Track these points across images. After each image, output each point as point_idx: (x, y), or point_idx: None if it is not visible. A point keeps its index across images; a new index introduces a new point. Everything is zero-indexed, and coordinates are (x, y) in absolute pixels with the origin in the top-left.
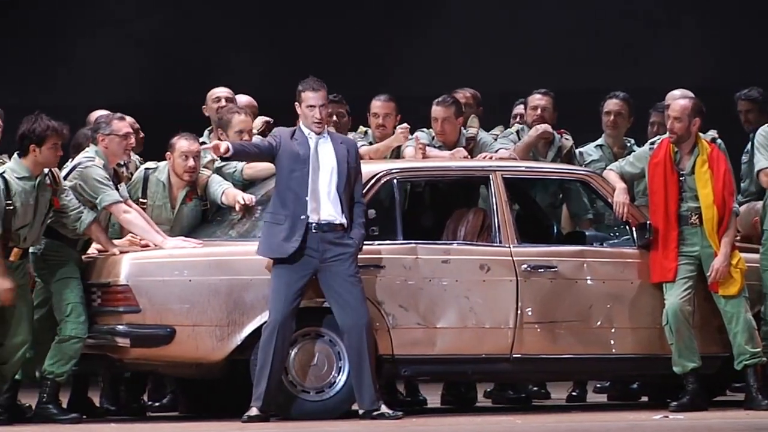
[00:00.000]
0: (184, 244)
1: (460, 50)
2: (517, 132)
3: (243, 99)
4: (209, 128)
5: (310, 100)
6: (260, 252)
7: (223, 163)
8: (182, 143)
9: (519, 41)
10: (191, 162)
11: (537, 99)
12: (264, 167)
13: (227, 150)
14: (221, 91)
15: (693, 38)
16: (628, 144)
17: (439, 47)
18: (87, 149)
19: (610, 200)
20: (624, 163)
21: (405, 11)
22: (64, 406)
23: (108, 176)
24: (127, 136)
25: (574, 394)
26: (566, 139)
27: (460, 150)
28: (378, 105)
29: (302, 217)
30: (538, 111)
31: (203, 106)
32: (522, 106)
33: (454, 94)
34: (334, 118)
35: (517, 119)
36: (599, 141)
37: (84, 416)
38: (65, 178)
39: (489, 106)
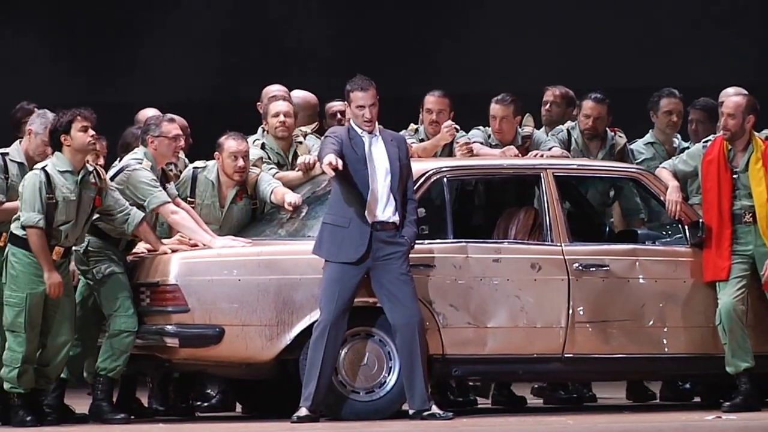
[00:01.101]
0: (233, 243)
1: (501, 48)
2: (568, 131)
3: (299, 94)
4: (263, 125)
5: (359, 100)
6: (322, 255)
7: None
8: (230, 143)
9: (560, 39)
10: (240, 162)
11: (590, 107)
12: (294, 177)
13: (339, 163)
14: (277, 89)
15: (740, 36)
16: (676, 141)
17: (479, 45)
18: (135, 150)
19: (662, 198)
20: (677, 161)
21: (443, 9)
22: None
23: (156, 177)
24: (176, 138)
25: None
26: (620, 136)
27: (511, 148)
28: (432, 100)
29: (365, 219)
30: (591, 120)
31: (258, 103)
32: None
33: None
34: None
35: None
36: (649, 138)
37: (132, 417)
38: (112, 179)
39: (530, 105)
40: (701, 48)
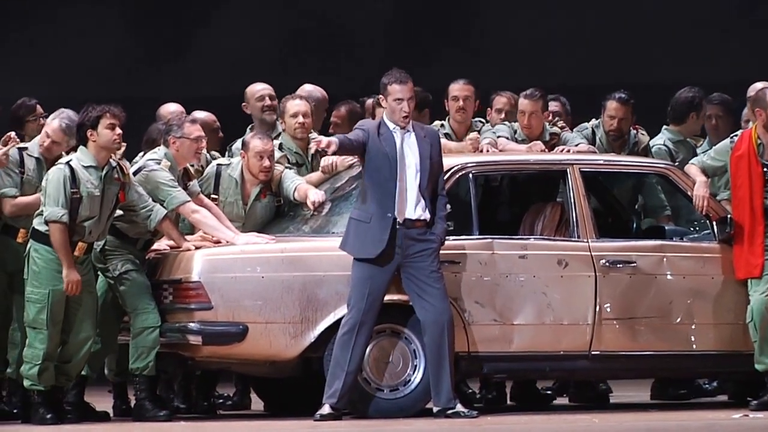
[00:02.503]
0: (257, 239)
1: (523, 43)
2: (593, 129)
3: (316, 90)
4: (250, 125)
5: (397, 93)
6: (347, 249)
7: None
8: (256, 143)
9: (585, 35)
10: (266, 162)
11: (615, 108)
12: (318, 180)
13: (334, 146)
14: (262, 88)
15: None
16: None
17: (503, 40)
18: (156, 150)
19: (689, 194)
20: (705, 157)
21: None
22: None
23: (174, 178)
24: (198, 139)
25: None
26: (642, 134)
27: (538, 143)
28: (457, 88)
29: (388, 215)
30: (615, 122)
31: (243, 104)
32: (557, 103)
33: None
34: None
35: (550, 116)
36: (675, 136)
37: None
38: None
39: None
40: (703, 45)
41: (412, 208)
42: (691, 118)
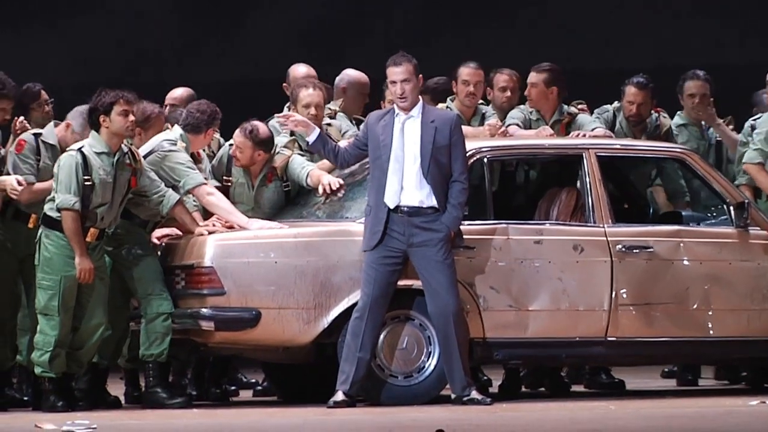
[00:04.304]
0: (270, 225)
1: (533, 28)
2: (614, 112)
3: (352, 73)
4: (288, 104)
5: (391, 75)
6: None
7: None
8: (236, 133)
9: (596, 19)
10: (236, 153)
11: (633, 93)
12: (330, 166)
13: (314, 135)
14: (305, 73)
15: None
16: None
17: (518, 25)
18: (170, 131)
19: (708, 179)
20: (762, 145)
21: None
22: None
23: (191, 159)
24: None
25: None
26: (664, 117)
27: (546, 128)
28: (468, 72)
29: (383, 206)
30: (634, 107)
31: (284, 84)
32: (507, 76)
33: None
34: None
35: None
36: (680, 120)
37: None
38: (144, 158)
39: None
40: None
41: (410, 194)
42: (680, 100)
